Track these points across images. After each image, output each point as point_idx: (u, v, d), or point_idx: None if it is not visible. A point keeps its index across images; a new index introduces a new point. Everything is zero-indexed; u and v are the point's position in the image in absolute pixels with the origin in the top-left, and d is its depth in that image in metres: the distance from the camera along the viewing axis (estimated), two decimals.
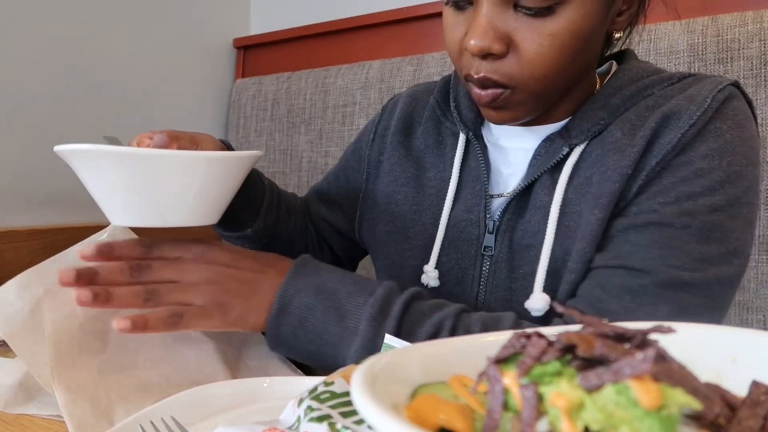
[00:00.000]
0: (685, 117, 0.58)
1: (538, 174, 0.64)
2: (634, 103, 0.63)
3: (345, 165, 0.88)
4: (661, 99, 0.62)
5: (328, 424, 0.33)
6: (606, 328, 0.27)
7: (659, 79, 0.64)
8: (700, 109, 0.58)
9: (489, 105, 0.62)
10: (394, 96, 0.88)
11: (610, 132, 0.62)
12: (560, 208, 0.62)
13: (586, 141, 0.63)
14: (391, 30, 1.42)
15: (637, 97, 0.63)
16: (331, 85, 1.42)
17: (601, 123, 0.63)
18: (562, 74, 0.59)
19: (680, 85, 0.63)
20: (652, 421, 0.22)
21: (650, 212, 0.58)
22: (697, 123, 0.58)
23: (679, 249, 0.57)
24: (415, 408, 0.28)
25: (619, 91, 0.64)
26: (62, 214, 1.23)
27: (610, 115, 0.63)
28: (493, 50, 0.57)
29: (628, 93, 0.63)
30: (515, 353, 0.27)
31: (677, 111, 0.59)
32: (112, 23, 1.32)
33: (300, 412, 0.36)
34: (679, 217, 0.57)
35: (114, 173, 0.52)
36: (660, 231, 0.58)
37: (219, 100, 1.62)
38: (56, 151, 0.52)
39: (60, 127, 1.22)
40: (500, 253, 0.66)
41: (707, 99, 0.59)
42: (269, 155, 1.52)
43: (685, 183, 0.58)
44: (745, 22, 0.95)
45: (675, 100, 0.61)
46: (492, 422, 0.26)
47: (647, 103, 0.63)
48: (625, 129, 0.62)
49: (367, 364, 0.29)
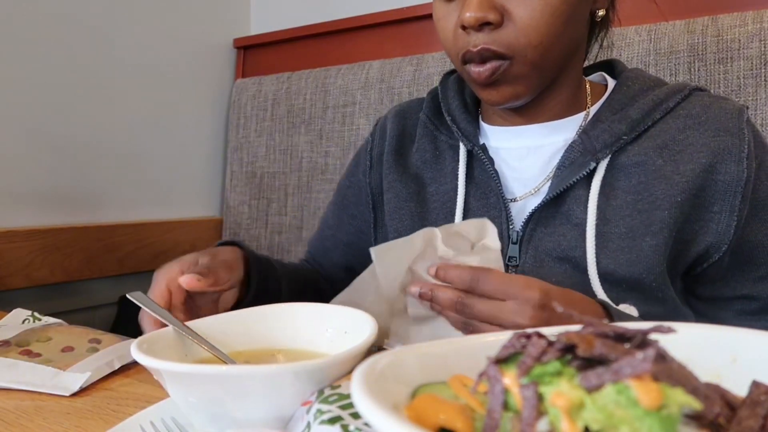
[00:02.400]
0: (735, 153, 0.62)
1: (565, 186, 0.64)
2: (654, 120, 0.65)
3: (343, 203, 0.86)
4: (689, 120, 0.65)
5: (341, 426, 0.33)
6: (606, 328, 0.27)
7: (669, 91, 0.67)
8: (743, 143, 0.62)
9: (489, 81, 0.62)
10: (378, 120, 0.87)
11: (648, 156, 0.64)
12: (595, 226, 0.63)
13: (610, 155, 0.65)
14: (391, 30, 1.41)
15: (655, 113, 0.65)
16: (331, 85, 1.42)
17: (624, 138, 0.65)
18: (556, 43, 0.61)
19: (696, 102, 0.66)
20: (652, 421, 0.22)
21: None
22: (749, 157, 0.62)
23: None
24: (415, 408, 0.28)
25: (635, 102, 0.66)
26: (62, 214, 1.23)
27: (632, 129, 0.65)
28: (489, 18, 0.59)
29: (645, 106, 0.65)
30: (515, 353, 0.27)
31: (724, 147, 0.63)
32: (112, 23, 1.32)
33: (310, 417, 0.35)
34: None
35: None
36: None
37: (219, 100, 1.62)
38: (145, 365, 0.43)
39: (60, 127, 1.22)
40: (525, 263, 0.66)
41: (744, 130, 0.63)
42: (269, 155, 1.52)
43: None
44: (745, 22, 0.95)
45: (711, 130, 0.64)
46: (492, 422, 0.26)
47: (676, 124, 0.65)
48: (665, 156, 0.64)
49: (367, 364, 0.29)
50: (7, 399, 0.57)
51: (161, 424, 0.45)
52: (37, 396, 0.58)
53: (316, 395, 0.38)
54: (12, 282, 1.11)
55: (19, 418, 0.52)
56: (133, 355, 0.41)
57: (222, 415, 0.41)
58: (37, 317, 0.80)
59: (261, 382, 0.39)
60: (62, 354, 0.65)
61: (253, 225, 1.53)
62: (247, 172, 1.55)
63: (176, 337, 0.49)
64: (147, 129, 1.42)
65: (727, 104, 0.65)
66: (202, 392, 0.41)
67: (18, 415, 0.53)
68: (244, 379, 0.39)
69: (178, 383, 0.42)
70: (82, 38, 1.26)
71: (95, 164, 1.29)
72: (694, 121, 0.64)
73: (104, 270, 1.28)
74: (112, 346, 0.68)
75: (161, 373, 0.41)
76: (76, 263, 1.22)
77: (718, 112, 0.64)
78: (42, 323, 0.77)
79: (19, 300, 0.99)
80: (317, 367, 0.39)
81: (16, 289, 1.11)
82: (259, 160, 1.54)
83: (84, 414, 0.54)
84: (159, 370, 0.41)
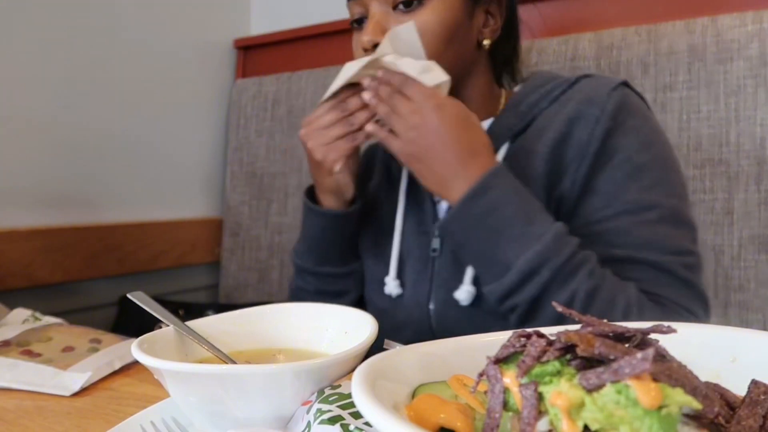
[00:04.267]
0: (590, 119, 0.69)
1: None
2: (541, 109, 0.74)
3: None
4: (565, 103, 0.72)
5: (341, 425, 0.33)
6: (606, 327, 0.27)
7: (558, 83, 0.75)
8: (599, 108, 0.69)
9: None
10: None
11: (527, 140, 0.73)
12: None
13: (505, 144, 0.74)
14: None
15: (543, 102, 0.74)
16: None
17: (513, 128, 0.74)
18: (440, 59, 0.70)
19: (579, 86, 0.74)
20: (652, 421, 0.22)
21: (626, 213, 0.68)
22: (601, 121, 0.69)
23: (669, 238, 0.67)
24: (415, 408, 0.28)
25: (526, 98, 0.76)
26: (62, 214, 1.23)
27: (520, 120, 0.75)
28: (378, 40, 0.71)
29: (533, 99, 0.75)
30: (515, 353, 0.27)
31: (580, 115, 0.70)
32: (112, 23, 1.32)
33: (310, 417, 0.35)
34: (650, 210, 0.67)
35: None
36: (645, 227, 0.67)
37: (219, 100, 1.62)
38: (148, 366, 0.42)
39: (60, 127, 1.22)
40: (444, 252, 0.76)
41: (605, 97, 0.70)
42: (269, 155, 1.52)
43: (635, 178, 0.68)
44: (745, 22, 0.95)
45: (575, 103, 0.71)
46: (492, 422, 0.26)
47: (555, 108, 0.73)
48: (541, 136, 0.72)
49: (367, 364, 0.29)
50: (7, 399, 0.57)
51: (162, 423, 0.45)
52: (38, 396, 0.58)
53: (316, 395, 0.38)
54: (12, 282, 1.11)
55: (20, 418, 0.52)
56: (134, 355, 0.41)
57: (222, 414, 0.41)
58: (37, 317, 0.80)
59: (261, 381, 0.39)
60: (63, 354, 0.66)
61: (253, 225, 1.53)
62: (248, 173, 1.55)
63: (177, 337, 0.49)
64: (147, 129, 1.42)
65: (603, 80, 0.73)
66: (203, 392, 0.41)
67: (19, 414, 0.53)
68: (245, 379, 0.39)
69: (178, 383, 0.42)
70: (83, 39, 1.26)
71: (95, 164, 1.29)
72: (567, 102, 0.72)
73: (104, 270, 1.28)
74: (113, 346, 0.68)
75: (162, 373, 0.41)
76: (77, 263, 1.22)
77: (590, 87, 0.72)
78: (42, 323, 0.77)
79: (19, 300, 0.99)
80: (317, 367, 0.39)
81: (16, 289, 1.11)
82: (259, 161, 1.54)
83: (84, 414, 0.54)
84: (159, 370, 0.41)
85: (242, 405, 0.40)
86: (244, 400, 0.40)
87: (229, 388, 0.39)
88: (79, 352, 0.66)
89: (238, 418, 0.41)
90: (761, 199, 0.91)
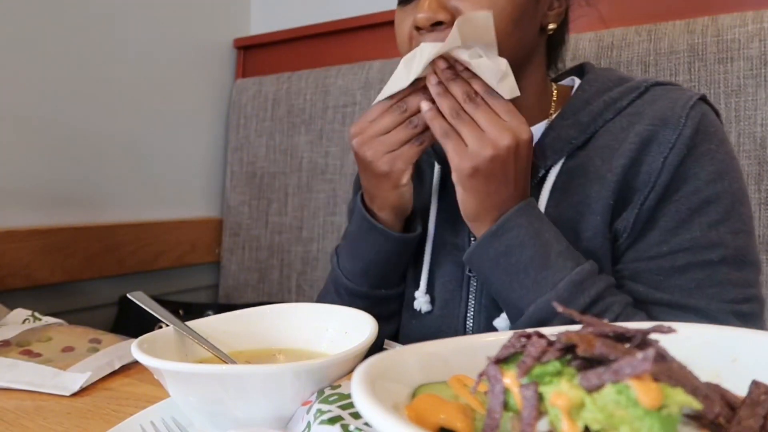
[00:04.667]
0: (663, 142, 0.61)
1: None
2: (605, 121, 0.66)
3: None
4: (633, 117, 0.64)
5: (341, 425, 0.33)
6: (606, 327, 0.27)
7: (625, 90, 0.67)
8: (675, 131, 0.61)
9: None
10: None
11: (590, 158, 0.65)
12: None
13: (561, 160, 0.66)
14: (391, 30, 1.40)
15: (607, 113, 0.66)
16: (331, 85, 1.42)
17: (573, 142, 0.65)
18: (504, 43, 0.61)
19: (648, 97, 0.65)
20: (652, 421, 0.22)
21: (683, 250, 0.61)
22: (676, 146, 0.61)
23: (727, 282, 0.60)
24: (415, 408, 0.28)
25: (587, 106, 0.67)
26: (62, 214, 1.23)
27: (581, 133, 0.66)
28: (439, 18, 0.60)
29: (596, 109, 0.66)
30: (515, 353, 0.27)
31: (653, 137, 0.62)
32: (112, 23, 1.32)
33: (310, 417, 0.35)
34: (712, 250, 0.60)
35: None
36: (701, 269, 0.61)
37: (219, 100, 1.62)
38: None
39: (60, 127, 1.22)
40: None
41: (682, 119, 0.61)
42: (269, 155, 1.52)
43: (701, 213, 0.61)
44: (745, 22, 0.95)
45: (647, 121, 0.63)
46: (492, 422, 0.26)
47: (621, 123, 0.65)
48: (604, 156, 0.64)
49: (367, 364, 0.29)
50: (7, 399, 0.57)
51: (161, 423, 0.45)
52: (38, 396, 0.58)
53: (316, 395, 0.38)
54: (12, 282, 1.11)
55: (20, 418, 0.52)
56: (134, 355, 0.41)
57: (222, 414, 0.41)
58: (37, 317, 0.80)
59: (261, 381, 0.39)
60: (62, 354, 0.66)
61: (254, 225, 1.53)
62: (248, 172, 1.55)
63: (177, 337, 0.49)
64: (147, 129, 1.42)
65: (678, 94, 0.64)
66: (203, 392, 0.41)
67: (18, 414, 0.53)
68: (245, 379, 0.39)
69: (178, 383, 0.42)
70: (83, 39, 1.26)
71: (96, 164, 1.29)
72: (637, 117, 0.64)
73: (104, 270, 1.28)
74: (113, 346, 0.68)
75: (162, 373, 0.41)
76: (77, 263, 1.22)
77: (664, 102, 0.64)
78: (42, 323, 0.77)
79: (19, 300, 0.99)
80: (317, 367, 0.39)
81: (16, 289, 1.11)
82: (259, 160, 1.54)
83: (84, 414, 0.54)
84: (160, 370, 0.41)
85: (242, 405, 0.40)
86: (244, 400, 0.40)
87: (229, 388, 0.39)
88: (78, 352, 0.66)
89: (238, 418, 0.41)
90: (761, 199, 0.91)
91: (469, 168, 0.57)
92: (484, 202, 0.59)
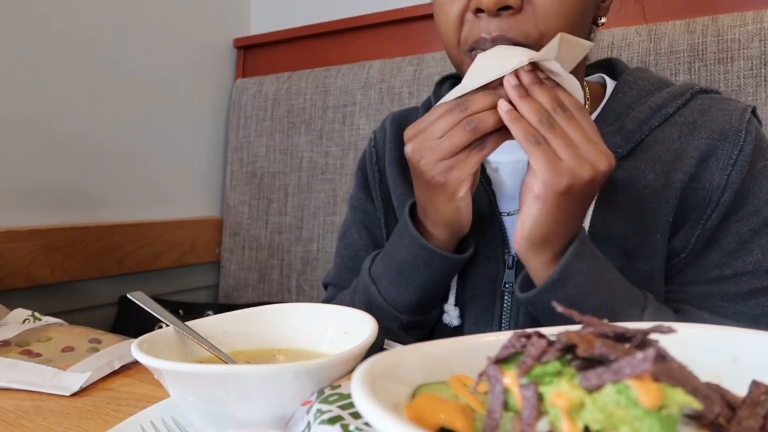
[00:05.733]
0: (723, 158, 0.59)
1: None
2: (651, 128, 0.62)
3: (363, 219, 0.80)
4: (685, 127, 0.61)
5: (341, 425, 0.33)
6: (606, 327, 0.27)
7: (669, 96, 0.63)
8: (736, 147, 0.59)
9: None
10: (375, 131, 0.82)
11: (640, 170, 0.61)
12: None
13: None
14: (391, 30, 1.41)
15: (653, 120, 0.62)
16: (331, 85, 1.42)
17: (619, 151, 0.61)
18: (572, 34, 0.57)
19: (696, 106, 0.63)
20: (652, 421, 0.22)
21: (747, 274, 0.59)
22: (738, 162, 0.58)
23: None
24: (415, 408, 0.28)
25: (631, 111, 0.63)
26: (62, 214, 1.23)
27: (627, 141, 0.62)
28: (510, 2, 0.55)
29: (641, 115, 0.62)
30: (515, 353, 0.27)
31: (713, 152, 0.59)
32: (112, 23, 1.32)
33: (310, 417, 0.35)
34: None
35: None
36: (765, 295, 0.58)
37: (219, 100, 1.62)
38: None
39: (60, 126, 1.22)
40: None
41: (741, 133, 0.59)
42: (269, 155, 1.52)
43: (761, 235, 0.59)
44: (745, 22, 0.95)
45: (705, 134, 0.60)
46: (492, 422, 0.26)
47: (671, 133, 0.62)
48: (657, 169, 0.60)
49: (367, 364, 0.29)
50: (7, 399, 0.57)
51: (161, 424, 0.45)
52: (37, 396, 0.58)
53: (316, 395, 0.38)
54: (12, 282, 1.11)
55: (19, 418, 0.52)
56: (134, 355, 0.41)
57: (222, 414, 0.41)
58: (37, 317, 0.80)
59: (261, 382, 0.39)
60: (62, 354, 0.66)
61: (253, 225, 1.53)
62: (248, 172, 1.55)
63: (177, 337, 0.49)
64: (147, 129, 1.42)
65: (729, 105, 0.62)
66: (203, 392, 0.41)
67: (18, 415, 0.53)
68: (245, 379, 0.39)
69: (178, 383, 0.42)
70: (83, 39, 1.26)
71: (96, 164, 1.29)
72: (690, 127, 0.61)
73: (104, 270, 1.28)
74: (113, 346, 0.68)
75: (162, 373, 0.41)
76: (77, 263, 1.22)
77: (717, 114, 0.61)
78: (42, 323, 0.77)
79: (19, 300, 0.99)
80: (317, 367, 0.39)
81: (16, 289, 1.11)
82: (259, 160, 1.54)
83: (84, 414, 0.54)
84: (159, 370, 0.41)
85: (242, 405, 0.40)
86: (244, 400, 0.40)
87: (229, 388, 0.39)
88: (78, 352, 0.66)
89: (238, 418, 0.41)
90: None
91: (566, 186, 0.50)
92: (560, 226, 0.53)
